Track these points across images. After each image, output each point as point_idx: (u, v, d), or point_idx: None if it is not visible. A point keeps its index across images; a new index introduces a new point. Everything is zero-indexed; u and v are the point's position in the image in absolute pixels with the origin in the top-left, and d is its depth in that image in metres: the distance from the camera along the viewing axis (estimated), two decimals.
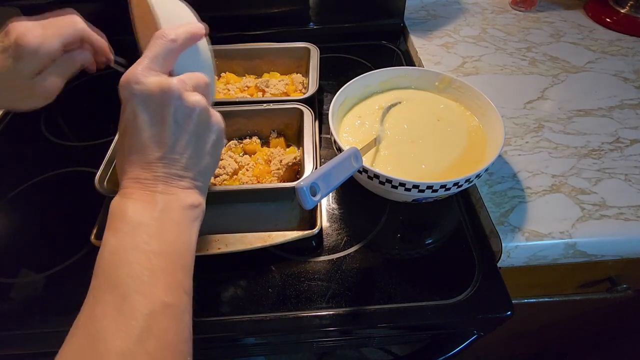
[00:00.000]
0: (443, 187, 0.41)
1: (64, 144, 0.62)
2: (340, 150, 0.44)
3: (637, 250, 0.47)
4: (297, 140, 0.57)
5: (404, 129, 0.51)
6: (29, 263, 0.47)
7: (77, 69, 0.39)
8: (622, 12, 0.77)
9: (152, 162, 0.30)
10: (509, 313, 0.41)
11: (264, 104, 0.56)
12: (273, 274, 0.44)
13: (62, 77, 0.38)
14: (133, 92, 0.29)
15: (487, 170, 0.45)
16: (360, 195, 0.50)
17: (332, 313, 0.41)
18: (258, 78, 0.67)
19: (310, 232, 0.45)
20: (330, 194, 0.53)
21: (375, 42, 0.81)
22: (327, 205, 0.51)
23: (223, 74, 0.67)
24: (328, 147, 0.58)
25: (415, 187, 0.41)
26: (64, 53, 0.37)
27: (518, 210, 0.47)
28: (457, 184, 0.41)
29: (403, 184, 0.41)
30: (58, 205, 0.54)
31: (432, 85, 0.56)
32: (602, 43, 0.74)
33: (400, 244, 0.47)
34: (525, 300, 0.58)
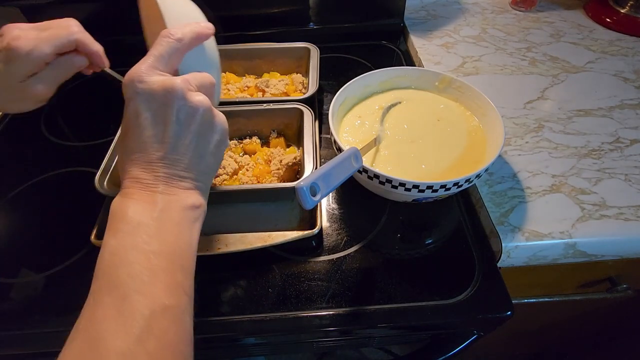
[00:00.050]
0: (443, 187, 0.41)
1: (64, 144, 0.62)
2: (340, 150, 0.44)
3: (637, 250, 0.47)
4: (297, 140, 0.57)
5: (404, 129, 0.51)
6: (29, 263, 0.47)
7: (70, 74, 0.38)
8: (622, 12, 0.77)
9: (153, 161, 0.29)
10: (509, 313, 0.41)
11: (264, 104, 0.56)
12: (273, 274, 0.44)
13: (54, 81, 0.37)
14: (136, 90, 0.29)
15: (487, 170, 0.45)
16: (360, 195, 0.50)
17: (332, 313, 0.41)
18: (258, 78, 0.67)
19: (310, 232, 0.45)
20: (330, 194, 0.53)
21: (375, 42, 0.81)
22: (327, 205, 0.51)
23: (223, 74, 0.67)
24: (328, 147, 0.58)
25: (415, 187, 0.41)
26: (58, 57, 0.36)
27: (518, 210, 0.47)
28: (457, 184, 0.41)
29: (403, 184, 0.41)
30: (58, 205, 0.54)
31: (432, 85, 0.56)
32: (602, 43, 0.74)
33: (400, 244, 0.47)
34: (525, 300, 0.58)
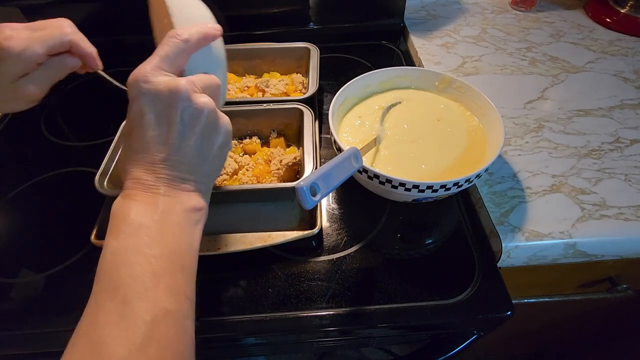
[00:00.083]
0: (443, 187, 0.41)
1: (64, 144, 0.62)
2: (340, 150, 0.44)
3: (637, 250, 0.47)
4: (297, 140, 0.57)
5: (404, 129, 0.51)
6: (29, 263, 0.47)
7: (63, 75, 0.38)
8: (622, 12, 0.77)
9: (155, 162, 0.29)
10: (509, 313, 0.41)
11: (264, 104, 0.56)
12: (273, 274, 0.44)
13: (47, 81, 0.37)
14: (141, 90, 0.29)
15: (487, 170, 0.45)
16: (360, 195, 0.50)
17: (332, 313, 0.41)
18: (258, 78, 0.67)
19: (310, 232, 0.45)
20: (330, 194, 0.53)
21: (375, 42, 0.81)
22: (327, 205, 0.51)
23: None
24: (328, 147, 0.58)
25: (415, 187, 0.41)
26: (51, 58, 0.36)
27: (518, 210, 0.47)
28: (457, 184, 0.41)
29: (403, 184, 0.41)
30: (58, 205, 0.54)
31: (432, 85, 0.56)
32: (602, 43, 0.74)
33: (400, 244, 0.47)
34: (525, 300, 0.58)
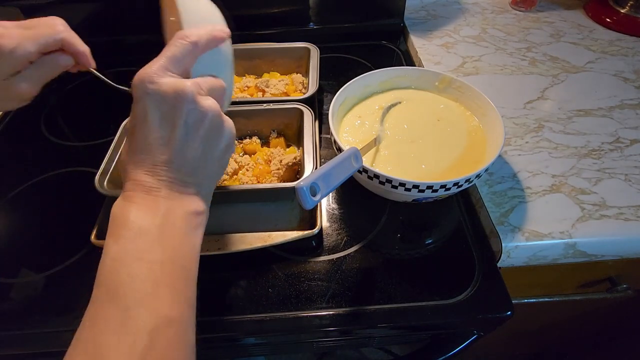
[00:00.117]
0: (443, 187, 0.41)
1: (64, 144, 0.62)
2: (340, 150, 0.44)
3: (637, 250, 0.47)
4: (297, 140, 0.57)
5: (404, 129, 0.51)
6: (29, 263, 0.47)
7: (56, 73, 0.38)
8: (622, 12, 0.77)
9: (157, 164, 0.29)
10: (509, 313, 0.41)
11: (264, 104, 0.56)
12: (273, 274, 0.44)
13: (39, 80, 0.37)
14: (146, 91, 0.28)
15: (487, 170, 0.45)
16: (360, 195, 0.50)
17: (332, 313, 0.41)
18: (258, 78, 0.67)
19: (310, 232, 0.45)
20: (330, 194, 0.53)
21: (375, 42, 0.81)
22: (327, 205, 0.51)
23: None
24: (328, 147, 0.58)
25: (415, 187, 0.41)
26: (43, 56, 0.36)
27: (518, 210, 0.47)
28: (457, 184, 0.41)
29: (403, 184, 0.41)
30: (58, 205, 0.54)
31: (432, 85, 0.56)
32: (602, 43, 0.74)
33: (400, 244, 0.47)
34: (525, 300, 0.58)
